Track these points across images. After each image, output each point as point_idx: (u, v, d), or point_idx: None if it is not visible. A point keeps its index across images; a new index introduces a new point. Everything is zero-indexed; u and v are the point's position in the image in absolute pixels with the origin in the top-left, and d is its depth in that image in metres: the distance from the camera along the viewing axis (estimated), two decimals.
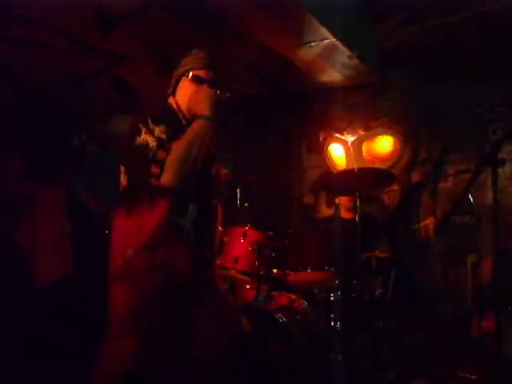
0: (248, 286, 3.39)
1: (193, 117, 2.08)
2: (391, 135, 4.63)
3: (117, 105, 4.18)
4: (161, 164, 1.91)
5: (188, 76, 2.15)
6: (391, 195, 4.47)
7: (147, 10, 3.23)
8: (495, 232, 2.10)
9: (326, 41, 3.67)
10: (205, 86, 2.11)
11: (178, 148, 1.94)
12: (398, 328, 3.56)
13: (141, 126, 1.97)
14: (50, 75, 3.93)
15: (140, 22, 3.38)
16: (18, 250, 3.62)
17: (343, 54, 3.91)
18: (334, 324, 3.15)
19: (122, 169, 2.08)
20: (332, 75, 4.42)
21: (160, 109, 2.21)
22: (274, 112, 5.13)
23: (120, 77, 4.10)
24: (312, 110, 4.96)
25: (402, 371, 3.16)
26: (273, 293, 3.26)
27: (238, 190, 3.74)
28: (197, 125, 2.00)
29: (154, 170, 1.91)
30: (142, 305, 1.96)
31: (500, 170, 2.32)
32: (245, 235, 3.26)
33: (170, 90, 2.21)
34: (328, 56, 3.97)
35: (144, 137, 1.95)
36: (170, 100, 2.20)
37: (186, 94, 2.14)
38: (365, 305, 3.38)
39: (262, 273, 3.19)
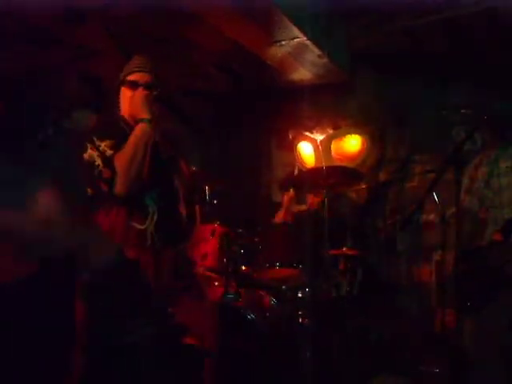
0: (216, 283, 3.38)
1: (135, 123, 2.10)
2: (359, 134, 4.69)
3: (80, 99, 4.11)
4: (108, 182, 1.96)
5: (124, 83, 2.17)
6: (359, 193, 4.53)
7: (116, 3, 3.18)
8: (458, 230, 2.15)
9: (296, 40, 3.69)
10: (140, 90, 2.12)
11: (122, 156, 1.98)
12: (365, 324, 3.62)
13: (86, 143, 2.00)
14: (15, 67, 3.84)
15: (108, 15, 3.32)
16: None
17: (313, 52, 3.94)
18: (302, 321, 3.18)
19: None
20: (302, 74, 4.45)
21: (104, 124, 2.21)
22: (244, 110, 5.13)
23: (88, 71, 4.03)
24: (281, 108, 4.97)
25: (367, 367, 3.22)
26: (241, 290, 3.26)
27: (206, 188, 3.73)
28: (137, 129, 2.03)
29: (103, 187, 1.97)
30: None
31: None
32: (213, 232, 3.25)
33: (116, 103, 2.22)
34: (298, 55, 3.99)
35: (90, 153, 1.99)
36: (117, 112, 2.22)
37: (125, 102, 2.17)
38: (331, 302, 3.42)
39: (230, 270, 3.20)
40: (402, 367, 3.29)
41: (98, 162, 1.97)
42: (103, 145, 1.99)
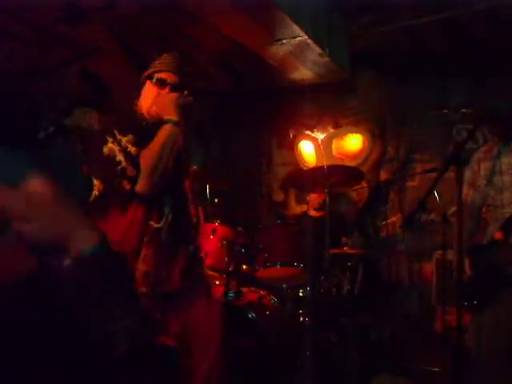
0: (217, 282, 3.38)
1: (157, 121, 2.07)
2: (360, 133, 4.69)
3: (82, 98, 4.11)
4: (131, 180, 1.90)
5: (152, 79, 2.13)
6: (360, 192, 4.53)
7: (117, 2, 3.18)
8: (459, 229, 2.15)
9: (297, 38, 3.69)
10: (167, 90, 2.10)
11: (148, 155, 1.93)
12: (365, 324, 3.62)
13: (107, 136, 1.92)
14: (15, 66, 3.83)
15: (110, 14, 3.32)
16: None
17: (314, 51, 3.94)
18: (303, 320, 3.18)
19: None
20: (303, 73, 4.45)
21: (125, 116, 2.18)
22: (245, 109, 5.13)
23: (89, 69, 4.03)
24: (282, 107, 4.98)
25: (367, 367, 3.21)
26: (242, 289, 3.26)
27: (207, 187, 3.73)
28: (165, 129, 1.99)
29: (126, 185, 1.90)
30: None
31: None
32: (214, 231, 3.25)
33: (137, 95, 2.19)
34: (299, 53, 3.99)
35: (110, 146, 1.92)
36: (136, 104, 2.18)
37: (148, 97, 2.13)
38: (332, 301, 3.42)
39: (231, 269, 3.19)
40: (401, 367, 3.28)
41: (120, 157, 1.90)
42: (125, 140, 1.93)
